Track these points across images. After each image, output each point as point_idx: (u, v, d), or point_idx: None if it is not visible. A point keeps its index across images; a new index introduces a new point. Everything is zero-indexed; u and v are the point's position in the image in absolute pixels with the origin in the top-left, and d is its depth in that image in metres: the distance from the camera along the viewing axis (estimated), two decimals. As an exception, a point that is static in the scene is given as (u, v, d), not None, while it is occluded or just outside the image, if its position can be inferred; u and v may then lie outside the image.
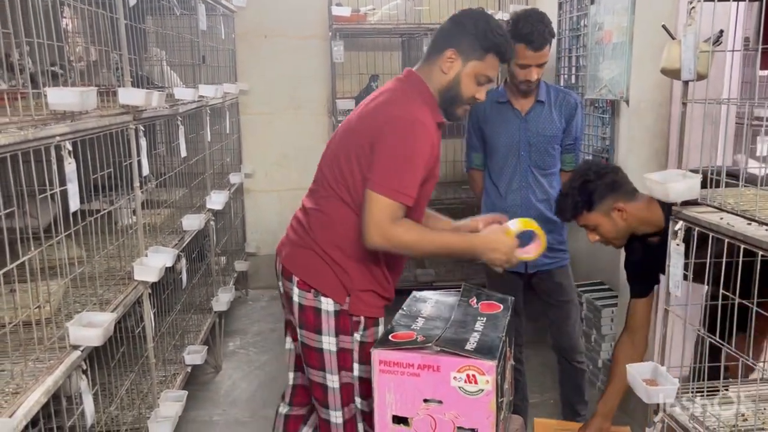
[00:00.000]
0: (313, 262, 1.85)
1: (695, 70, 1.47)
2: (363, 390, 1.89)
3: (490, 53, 1.81)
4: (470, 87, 1.83)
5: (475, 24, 1.80)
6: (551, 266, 2.62)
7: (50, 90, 1.60)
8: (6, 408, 1.36)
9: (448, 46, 1.80)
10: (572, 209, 2.07)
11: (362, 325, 1.86)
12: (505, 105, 2.56)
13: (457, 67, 1.80)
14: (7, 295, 1.78)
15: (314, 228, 1.87)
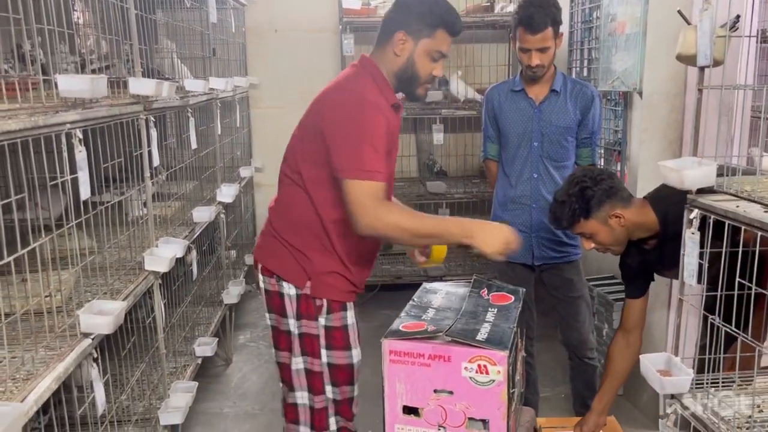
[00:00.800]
0: (274, 248, 1.88)
1: (711, 56, 1.45)
2: (334, 377, 1.88)
3: (438, 29, 1.80)
4: (426, 65, 1.83)
5: (419, 2, 1.80)
6: (560, 260, 2.59)
7: (60, 77, 1.60)
8: (17, 393, 1.37)
9: (398, 28, 1.80)
10: (569, 217, 2.02)
11: (325, 308, 1.84)
12: (520, 93, 2.55)
13: (409, 48, 1.81)
14: (19, 284, 1.78)
15: (273, 217, 1.92)
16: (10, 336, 1.58)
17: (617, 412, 2.87)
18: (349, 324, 1.88)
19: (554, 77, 2.51)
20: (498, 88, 2.65)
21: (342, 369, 1.88)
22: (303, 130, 1.85)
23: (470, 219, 1.81)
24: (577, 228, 2.04)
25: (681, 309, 1.66)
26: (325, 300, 1.84)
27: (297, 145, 1.85)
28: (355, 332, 1.90)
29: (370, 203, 1.67)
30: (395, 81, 1.86)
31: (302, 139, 1.83)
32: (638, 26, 2.90)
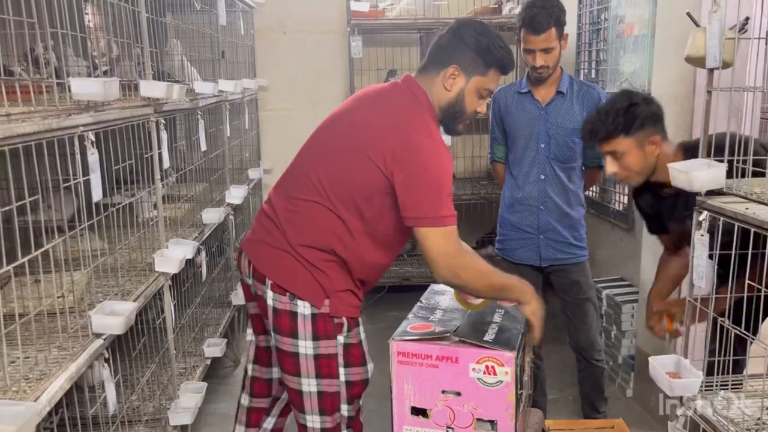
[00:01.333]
0: (288, 264, 1.75)
1: (720, 58, 1.45)
2: (350, 394, 1.83)
3: (492, 68, 1.78)
4: (473, 102, 1.81)
5: (477, 39, 1.75)
6: (567, 262, 2.59)
7: (73, 80, 1.62)
8: (31, 393, 1.38)
9: (451, 62, 1.75)
10: (609, 128, 1.93)
11: (345, 326, 1.77)
12: (526, 95, 2.56)
13: (460, 84, 1.76)
14: (32, 285, 1.80)
15: (287, 229, 1.78)
16: (24, 336, 1.60)
17: (626, 415, 2.87)
18: (363, 339, 1.84)
19: (560, 79, 2.52)
20: (504, 90, 2.65)
21: (357, 385, 1.83)
22: (342, 153, 1.75)
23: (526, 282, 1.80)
24: (611, 144, 1.95)
25: (690, 311, 1.66)
26: (344, 318, 1.77)
27: (333, 167, 1.75)
28: (366, 347, 1.86)
29: (452, 251, 1.65)
30: (440, 114, 1.81)
31: (344, 162, 1.73)
32: (646, 28, 2.90)
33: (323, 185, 1.75)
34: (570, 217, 2.56)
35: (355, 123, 1.80)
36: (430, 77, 1.79)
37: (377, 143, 1.68)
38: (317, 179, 1.76)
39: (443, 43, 1.79)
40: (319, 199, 1.75)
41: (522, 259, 2.62)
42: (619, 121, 1.91)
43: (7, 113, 1.38)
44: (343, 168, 1.73)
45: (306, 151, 1.88)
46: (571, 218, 2.56)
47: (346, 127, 1.81)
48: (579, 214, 2.60)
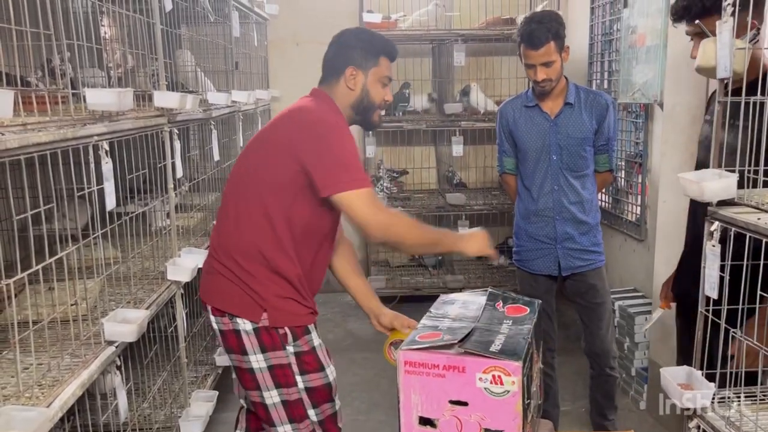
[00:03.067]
0: (222, 285, 1.83)
1: (731, 68, 1.44)
2: (315, 399, 1.87)
3: (380, 56, 1.93)
4: (378, 91, 1.94)
5: (357, 37, 1.95)
6: (585, 269, 2.59)
7: (89, 90, 1.65)
8: (43, 399, 1.40)
9: (346, 64, 1.90)
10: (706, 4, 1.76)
11: (290, 336, 1.82)
12: (534, 109, 2.56)
13: (361, 80, 1.91)
14: (46, 293, 1.83)
15: (218, 251, 1.86)
16: (37, 343, 1.62)
17: (640, 427, 2.84)
18: (316, 345, 1.87)
19: (567, 89, 2.53)
20: (511, 103, 2.67)
21: (320, 390, 1.88)
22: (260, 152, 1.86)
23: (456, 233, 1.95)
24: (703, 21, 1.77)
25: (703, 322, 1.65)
26: (287, 328, 1.82)
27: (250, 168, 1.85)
28: (323, 351, 1.89)
29: (376, 207, 1.74)
30: (351, 113, 1.93)
31: (258, 162, 1.84)
32: (658, 38, 2.89)
33: (237, 195, 1.85)
34: (586, 224, 2.57)
35: (264, 132, 1.92)
36: (332, 86, 1.94)
37: (283, 138, 1.80)
38: (234, 192, 1.87)
39: (331, 54, 1.96)
40: (239, 208, 1.84)
41: (540, 270, 2.62)
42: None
43: (23, 123, 1.40)
44: (255, 170, 1.83)
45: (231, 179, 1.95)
46: (588, 225, 2.57)
47: (255, 139, 1.94)
48: (595, 219, 2.61)
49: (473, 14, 4.19)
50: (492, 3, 4.19)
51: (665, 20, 2.84)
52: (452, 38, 4.03)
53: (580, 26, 4.08)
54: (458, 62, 3.96)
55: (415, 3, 4.22)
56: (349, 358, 3.60)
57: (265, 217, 1.80)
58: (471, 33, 4.08)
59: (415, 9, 4.21)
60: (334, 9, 4.50)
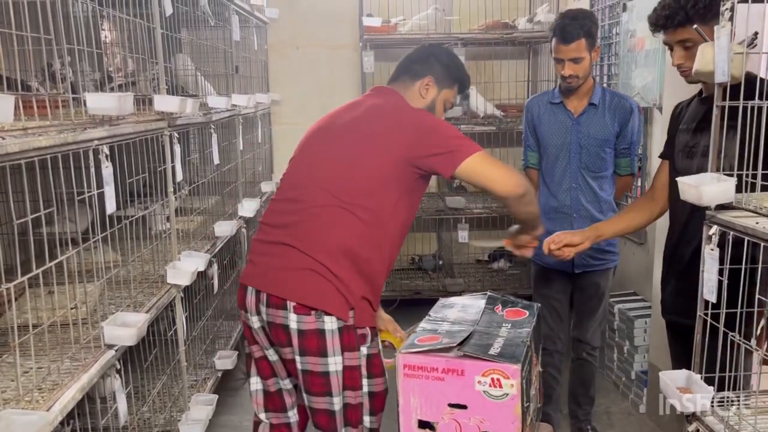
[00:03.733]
0: (309, 281, 1.75)
1: (729, 72, 1.45)
2: (373, 406, 1.88)
3: (456, 83, 2.02)
4: (441, 112, 2.01)
5: (447, 56, 2.01)
6: (597, 268, 2.64)
7: (89, 95, 1.65)
8: (43, 403, 1.40)
9: (426, 73, 1.96)
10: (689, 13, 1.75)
11: (369, 336, 1.83)
12: (559, 106, 2.61)
13: (433, 93, 1.96)
14: (46, 297, 1.83)
15: (304, 244, 1.78)
16: (37, 347, 1.62)
17: (639, 431, 2.84)
18: (381, 348, 1.91)
19: (593, 90, 2.56)
20: (538, 99, 2.72)
21: (380, 396, 1.90)
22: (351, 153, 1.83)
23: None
24: (686, 31, 1.78)
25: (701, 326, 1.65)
26: (368, 328, 1.83)
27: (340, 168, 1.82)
28: (382, 356, 1.93)
29: (503, 165, 1.87)
30: None
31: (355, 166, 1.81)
32: (657, 42, 2.90)
33: (331, 189, 1.80)
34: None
35: (353, 123, 1.89)
36: (404, 86, 1.97)
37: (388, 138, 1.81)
38: (324, 185, 1.81)
39: (417, 57, 2.00)
40: (332, 202, 1.79)
41: (555, 265, 2.65)
42: (699, 6, 1.72)
43: (23, 127, 1.41)
44: (352, 165, 1.81)
45: (300, 164, 1.92)
46: None
47: (342, 131, 1.90)
48: None
49: (473, 18, 4.19)
50: (491, 7, 4.20)
51: (664, 24, 2.85)
52: (452, 42, 4.03)
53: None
54: (458, 66, 3.96)
55: (415, 7, 4.23)
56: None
57: (368, 215, 1.79)
58: (470, 37, 4.09)
59: (414, 13, 4.22)
60: (334, 13, 4.51)
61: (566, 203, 2.60)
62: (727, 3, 1.44)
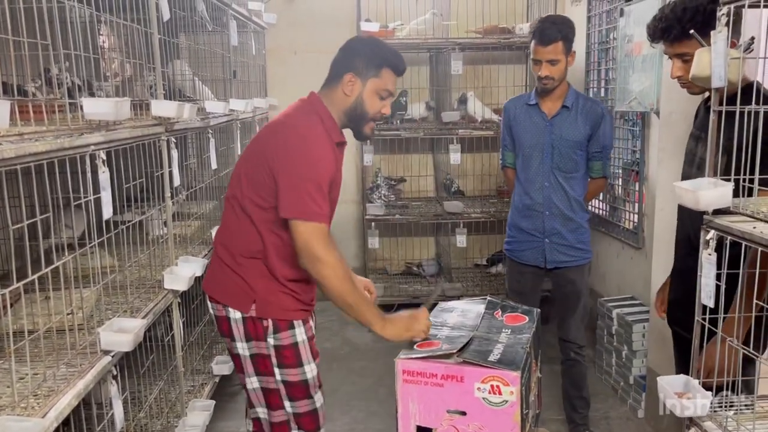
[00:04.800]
0: (220, 277, 1.94)
1: (726, 77, 1.45)
2: (291, 393, 1.94)
3: (383, 68, 1.91)
4: (374, 103, 1.93)
5: (363, 45, 1.95)
6: (570, 264, 2.73)
7: (86, 100, 1.65)
8: (39, 409, 1.39)
9: (346, 70, 1.91)
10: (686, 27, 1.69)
11: (271, 328, 1.89)
12: (534, 107, 2.71)
13: (357, 88, 1.91)
14: (42, 302, 1.82)
15: (218, 246, 1.98)
16: (33, 353, 1.62)
17: (637, 436, 2.83)
18: (298, 341, 1.91)
19: (567, 93, 2.66)
20: (515, 100, 2.84)
21: (297, 385, 1.93)
22: (249, 163, 1.92)
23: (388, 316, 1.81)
24: (683, 45, 1.74)
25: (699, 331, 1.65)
26: (270, 320, 1.89)
27: (242, 177, 1.91)
28: (306, 348, 1.93)
29: (319, 246, 1.76)
30: (345, 119, 1.95)
31: (247, 172, 1.90)
32: (654, 48, 2.90)
33: (237, 195, 1.92)
34: (574, 221, 2.71)
35: (259, 136, 1.98)
36: (331, 90, 1.95)
37: (266, 149, 1.86)
38: (236, 190, 1.93)
39: (338, 58, 1.97)
40: (235, 208, 1.92)
41: (528, 260, 2.78)
42: (697, 20, 1.66)
43: (19, 132, 1.40)
44: (246, 177, 1.90)
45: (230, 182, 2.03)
46: (575, 222, 2.71)
47: (249, 150, 1.97)
48: (582, 219, 2.74)
49: (470, 23, 4.20)
50: (489, 12, 4.21)
51: (661, 29, 2.86)
52: (449, 47, 4.04)
53: (577, 35, 4.08)
54: (455, 71, 3.97)
55: (413, 12, 4.23)
56: (347, 367, 3.59)
57: (255, 228, 1.88)
58: (468, 41, 4.09)
59: (412, 18, 4.23)
60: (332, 18, 4.52)
61: (539, 201, 2.70)
62: (723, 8, 1.44)
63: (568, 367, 2.80)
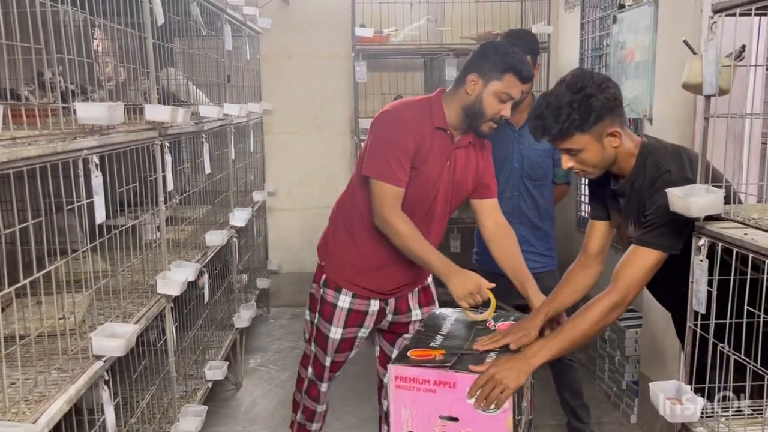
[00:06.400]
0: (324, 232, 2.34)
1: (717, 85, 1.46)
2: (316, 337, 2.27)
3: (507, 73, 2.02)
4: (493, 105, 2.04)
5: (494, 50, 2.05)
6: (539, 270, 2.74)
7: (79, 104, 1.64)
8: (29, 415, 1.39)
9: (471, 71, 2.05)
10: (564, 127, 1.70)
11: (324, 280, 2.22)
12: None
13: (479, 88, 2.03)
14: (34, 307, 1.81)
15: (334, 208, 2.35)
16: (24, 358, 1.61)
17: (630, 441, 2.84)
18: (338, 305, 2.20)
19: (532, 104, 2.71)
20: None
21: (320, 335, 2.24)
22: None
23: (456, 267, 2.01)
24: (566, 142, 1.73)
25: (692, 337, 1.65)
26: (324, 275, 2.22)
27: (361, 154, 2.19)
28: (341, 314, 2.20)
29: (390, 204, 2.00)
30: (463, 115, 2.08)
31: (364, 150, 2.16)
32: (647, 54, 2.93)
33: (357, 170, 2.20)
34: (541, 230, 2.80)
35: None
36: (456, 88, 2.11)
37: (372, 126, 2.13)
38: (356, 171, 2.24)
39: (468, 60, 2.10)
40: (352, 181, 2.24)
41: (498, 269, 2.73)
42: (573, 117, 1.68)
43: (12, 137, 1.40)
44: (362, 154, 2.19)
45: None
46: (543, 231, 2.80)
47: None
48: (549, 227, 2.84)
49: (465, 29, 4.21)
50: (483, 18, 4.23)
51: (653, 37, 2.88)
52: (444, 53, 4.05)
53: (570, 41, 4.12)
54: (450, 76, 3.98)
55: (407, 18, 4.24)
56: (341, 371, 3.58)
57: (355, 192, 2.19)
58: (462, 47, 4.10)
59: (407, 23, 4.24)
60: (327, 23, 4.53)
61: (507, 210, 2.72)
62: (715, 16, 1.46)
63: (564, 375, 2.79)
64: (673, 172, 1.70)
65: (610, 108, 1.71)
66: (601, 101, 1.69)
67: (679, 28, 2.65)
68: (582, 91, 1.69)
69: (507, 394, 1.52)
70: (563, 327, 1.73)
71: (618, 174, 1.85)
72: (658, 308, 2.84)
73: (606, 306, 1.70)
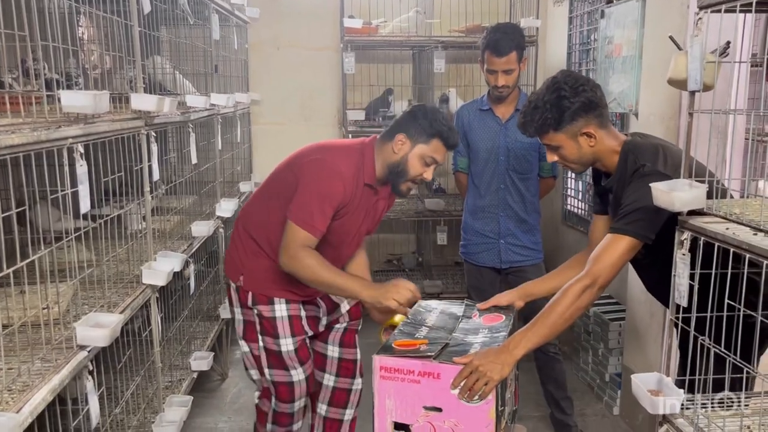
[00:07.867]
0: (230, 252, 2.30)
1: (701, 81, 1.48)
2: (269, 360, 2.20)
3: (434, 138, 2.07)
4: (417, 167, 2.09)
5: (424, 114, 2.09)
6: (524, 263, 2.81)
7: (64, 92, 1.63)
8: (13, 405, 1.38)
9: (401, 130, 2.09)
10: (539, 125, 1.87)
11: (251, 299, 2.18)
12: (488, 112, 2.80)
13: (406, 149, 2.08)
14: (17, 296, 1.80)
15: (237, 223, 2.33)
16: (7, 347, 1.60)
17: (612, 433, 2.88)
18: (276, 315, 2.18)
19: (519, 98, 2.77)
20: (467, 107, 2.93)
21: (272, 354, 2.19)
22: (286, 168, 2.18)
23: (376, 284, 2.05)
24: (544, 138, 1.90)
25: (672, 329, 1.68)
26: (250, 291, 2.18)
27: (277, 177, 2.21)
28: (285, 324, 2.18)
29: (295, 247, 2.00)
30: (386, 171, 2.12)
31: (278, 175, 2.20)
32: (634, 49, 2.94)
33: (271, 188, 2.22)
34: (527, 223, 2.81)
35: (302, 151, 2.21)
36: (384, 142, 2.13)
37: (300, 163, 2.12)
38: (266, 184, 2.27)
39: (399, 118, 2.17)
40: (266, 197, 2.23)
41: (484, 262, 2.86)
42: (546, 116, 1.83)
43: (-5, 125, 1.39)
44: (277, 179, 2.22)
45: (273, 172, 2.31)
46: (528, 224, 2.81)
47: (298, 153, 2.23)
48: (535, 220, 2.85)
49: (453, 22, 4.21)
50: (472, 11, 4.22)
51: (640, 32, 2.90)
52: (432, 45, 4.05)
53: (558, 35, 4.13)
54: (438, 69, 3.98)
55: (396, 9, 4.23)
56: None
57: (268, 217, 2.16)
58: (451, 40, 4.10)
59: (395, 15, 4.23)
60: (315, 14, 4.50)
61: (493, 203, 2.79)
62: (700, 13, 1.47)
63: (549, 369, 2.81)
64: (648, 166, 1.79)
65: (585, 110, 1.83)
66: (575, 103, 1.82)
67: (666, 23, 2.67)
68: (557, 92, 1.83)
69: (491, 386, 1.54)
70: (539, 315, 1.76)
71: (606, 171, 1.95)
72: (641, 301, 2.88)
73: (577, 289, 1.77)
